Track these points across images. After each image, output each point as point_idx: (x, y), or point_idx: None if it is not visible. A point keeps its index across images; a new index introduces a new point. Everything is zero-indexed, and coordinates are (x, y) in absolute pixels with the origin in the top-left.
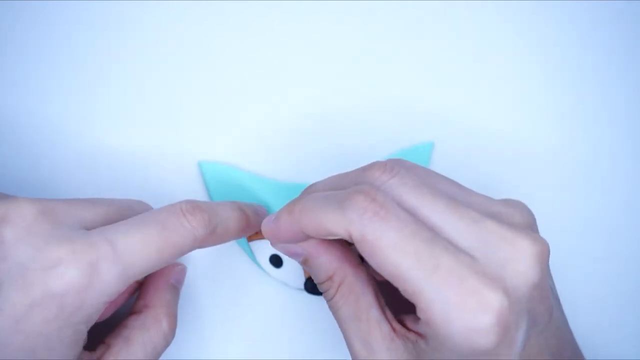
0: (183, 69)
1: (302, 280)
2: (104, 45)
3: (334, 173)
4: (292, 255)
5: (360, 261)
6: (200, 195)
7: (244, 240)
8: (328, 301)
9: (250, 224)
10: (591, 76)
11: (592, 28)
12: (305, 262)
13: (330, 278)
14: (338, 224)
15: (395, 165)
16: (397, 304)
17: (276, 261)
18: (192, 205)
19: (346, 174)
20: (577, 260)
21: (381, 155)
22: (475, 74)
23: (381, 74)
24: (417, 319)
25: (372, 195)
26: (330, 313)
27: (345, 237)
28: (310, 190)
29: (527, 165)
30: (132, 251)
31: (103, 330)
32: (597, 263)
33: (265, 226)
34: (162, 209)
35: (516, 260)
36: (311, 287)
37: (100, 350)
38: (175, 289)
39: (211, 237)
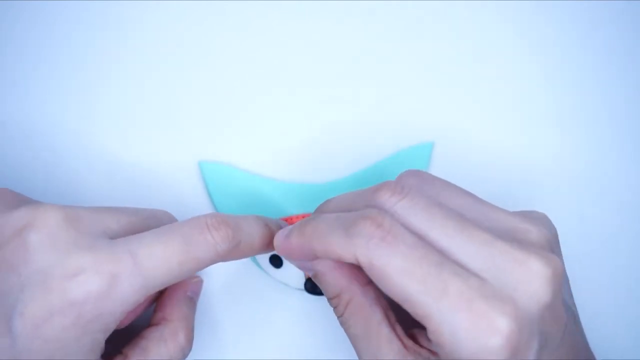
0: (183, 69)
1: (302, 280)
2: (104, 45)
3: (334, 173)
4: (302, 269)
5: (369, 280)
6: (200, 196)
7: None
8: (338, 317)
9: (271, 241)
10: (592, 76)
11: (592, 28)
12: (314, 277)
13: (338, 296)
14: (346, 250)
15: (406, 185)
16: (409, 319)
17: (276, 261)
18: (217, 220)
19: (357, 193)
20: (579, 261)
21: (381, 155)
22: (475, 74)
23: (381, 74)
24: (429, 339)
25: (379, 220)
26: (331, 313)
27: (353, 262)
28: (322, 209)
29: (527, 165)
30: (154, 264)
31: (121, 340)
32: (601, 264)
33: (278, 242)
34: (186, 222)
35: (527, 282)
36: (311, 287)
37: (118, 359)
38: (192, 301)
39: (234, 252)
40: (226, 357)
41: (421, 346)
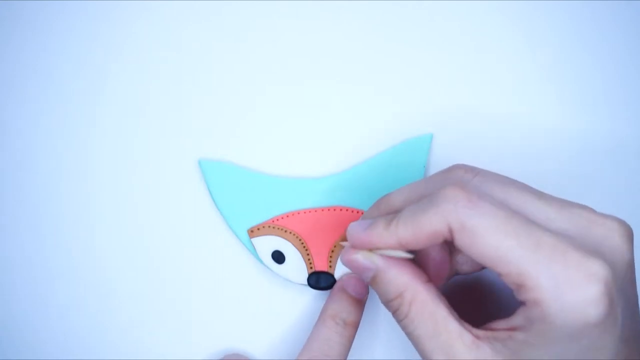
0: (182, 67)
1: (305, 275)
2: (105, 44)
3: (335, 168)
4: (362, 271)
5: (429, 278)
6: (200, 194)
7: (245, 236)
8: (400, 321)
9: (357, 327)
10: (592, 65)
11: (593, 20)
12: (374, 280)
13: (400, 295)
14: (436, 220)
15: (475, 167)
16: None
17: (278, 257)
18: None
19: (425, 180)
20: None
21: (381, 148)
22: (474, 65)
23: (379, 67)
24: (507, 318)
25: (462, 186)
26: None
27: (445, 232)
28: (383, 201)
29: (527, 157)
30: None
31: None
32: None
33: (356, 234)
34: None
35: (610, 238)
36: (314, 282)
37: None
38: None
39: None
40: (229, 352)
41: (496, 330)
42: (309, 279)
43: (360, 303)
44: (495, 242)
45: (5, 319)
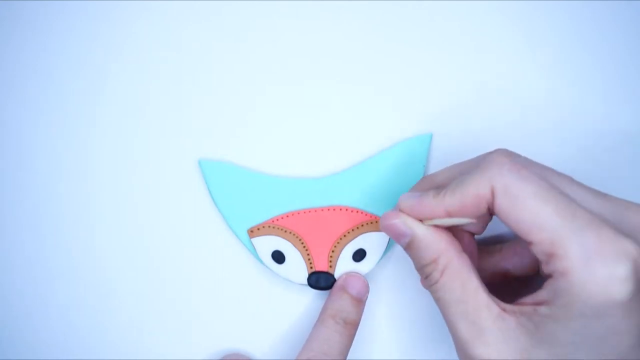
0: (182, 67)
1: (305, 275)
2: (104, 43)
3: (335, 167)
4: (398, 236)
5: (462, 249)
6: (200, 194)
7: (245, 236)
8: (432, 285)
9: (357, 326)
10: (591, 67)
11: (593, 20)
12: (409, 245)
13: (435, 260)
14: (482, 182)
15: (514, 152)
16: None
17: (278, 257)
18: None
19: (468, 160)
20: None
21: (380, 147)
22: (473, 65)
23: (379, 67)
24: (533, 293)
25: (507, 153)
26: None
27: (488, 195)
28: (426, 179)
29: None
30: None
31: None
32: None
33: (407, 202)
34: None
35: None
36: (314, 282)
37: None
38: None
39: None
40: (229, 352)
41: (523, 304)
42: (309, 279)
43: (360, 303)
44: (533, 208)
45: (5, 319)
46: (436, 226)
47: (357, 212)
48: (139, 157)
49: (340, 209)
